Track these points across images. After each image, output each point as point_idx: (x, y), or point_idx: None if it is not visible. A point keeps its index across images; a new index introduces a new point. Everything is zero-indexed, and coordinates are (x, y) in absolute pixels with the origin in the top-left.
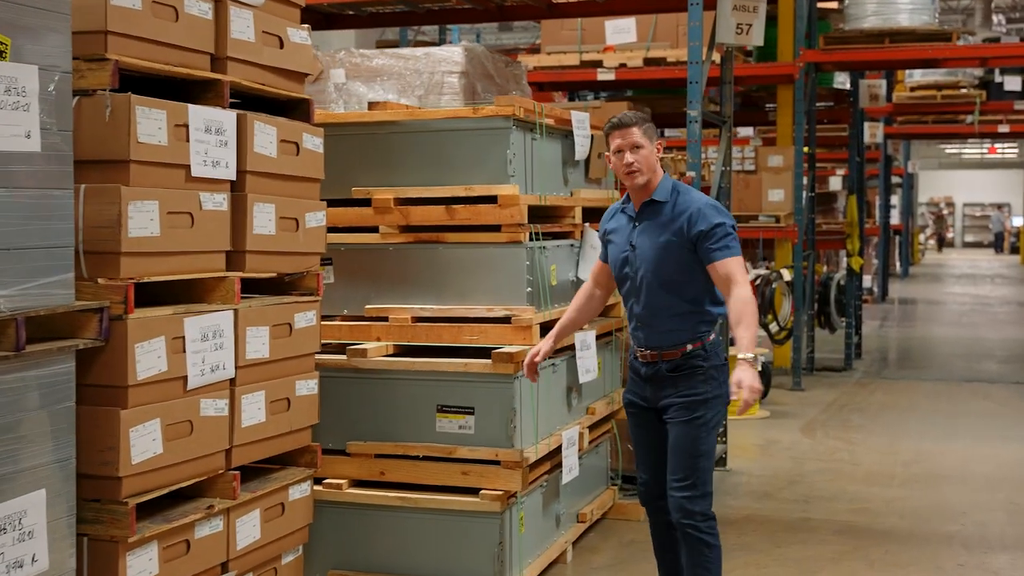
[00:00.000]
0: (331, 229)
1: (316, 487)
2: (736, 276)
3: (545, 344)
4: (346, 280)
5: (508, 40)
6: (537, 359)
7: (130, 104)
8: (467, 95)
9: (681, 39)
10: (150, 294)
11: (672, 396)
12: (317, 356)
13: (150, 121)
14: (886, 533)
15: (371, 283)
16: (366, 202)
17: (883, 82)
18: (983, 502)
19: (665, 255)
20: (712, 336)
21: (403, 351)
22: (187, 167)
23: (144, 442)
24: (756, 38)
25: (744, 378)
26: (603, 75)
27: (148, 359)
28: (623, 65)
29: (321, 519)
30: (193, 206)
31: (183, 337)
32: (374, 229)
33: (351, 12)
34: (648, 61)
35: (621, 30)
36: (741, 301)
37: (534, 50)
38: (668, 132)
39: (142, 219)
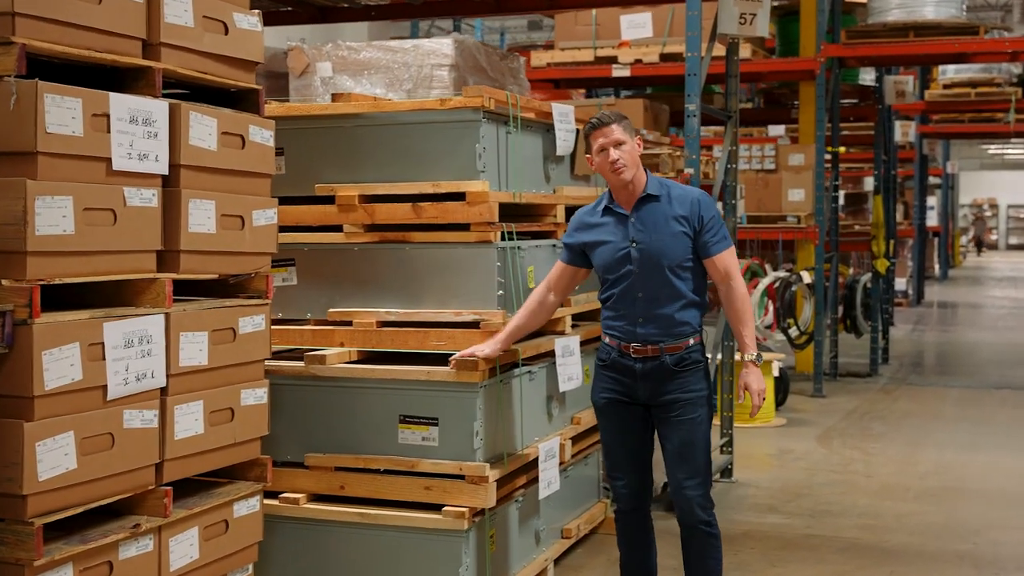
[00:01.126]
0: (294, 228)
1: (271, 502)
2: (733, 270)
3: (487, 347)
4: (309, 282)
5: (538, 37)
6: (476, 356)
7: (37, 91)
8: (457, 89)
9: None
10: (75, 296)
11: (676, 392)
12: (274, 363)
13: (61, 110)
14: (893, 551)
15: (335, 285)
16: (330, 199)
17: (910, 78)
18: (1000, 519)
19: (676, 244)
20: (702, 332)
21: (369, 357)
22: (108, 160)
23: (54, 457)
24: (760, 29)
25: (751, 382)
26: (618, 71)
27: (58, 367)
28: (639, 61)
29: (277, 535)
30: (116, 202)
31: (102, 343)
32: (339, 228)
33: (345, 5)
34: (664, 57)
35: (636, 25)
36: (741, 299)
37: (550, 46)
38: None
39: (52, 216)
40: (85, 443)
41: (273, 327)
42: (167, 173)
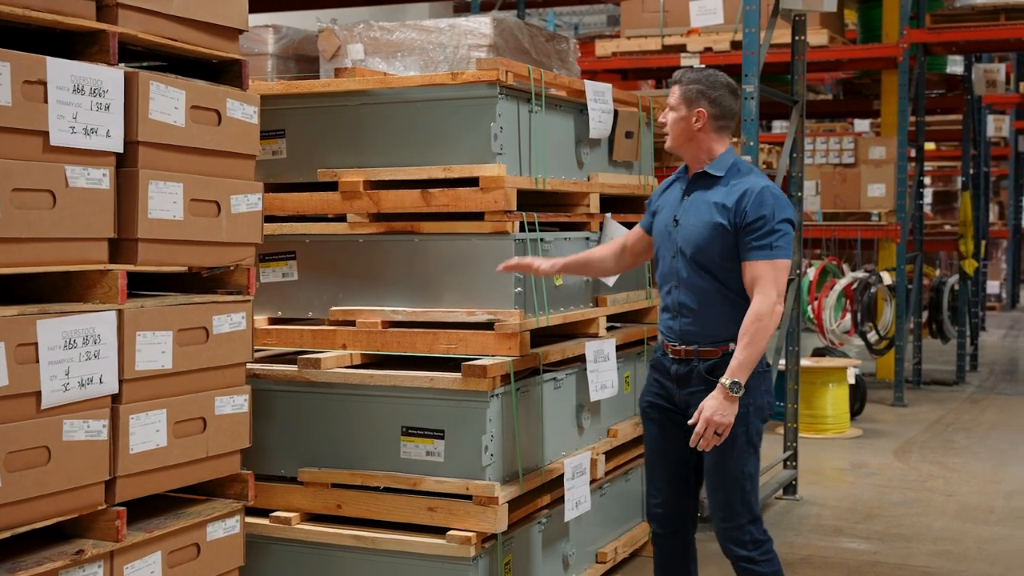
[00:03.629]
0: (295, 218)
1: (262, 520)
2: (762, 282)
3: (545, 263)
4: (311, 277)
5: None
6: (533, 269)
7: None
8: None
9: None
10: (24, 291)
11: None
12: (264, 367)
13: None
14: None
15: (339, 281)
16: (334, 186)
17: (1002, 67)
18: None
19: (711, 236)
20: None
21: (374, 361)
22: (45, 134)
23: None
24: (827, 3)
25: (708, 405)
26: (687, 60)
27: None
28: (708, 49)
29: (268, 558)
30: (55, 182)
31: (35, 344)
32: (343, 218)
33: None
34: (736, 44)
35: (706, 11)
36: (752, 315)
37: (617, 36)
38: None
39: None
40: (12, 458)
41: (272, 327)
42: (122, 151)
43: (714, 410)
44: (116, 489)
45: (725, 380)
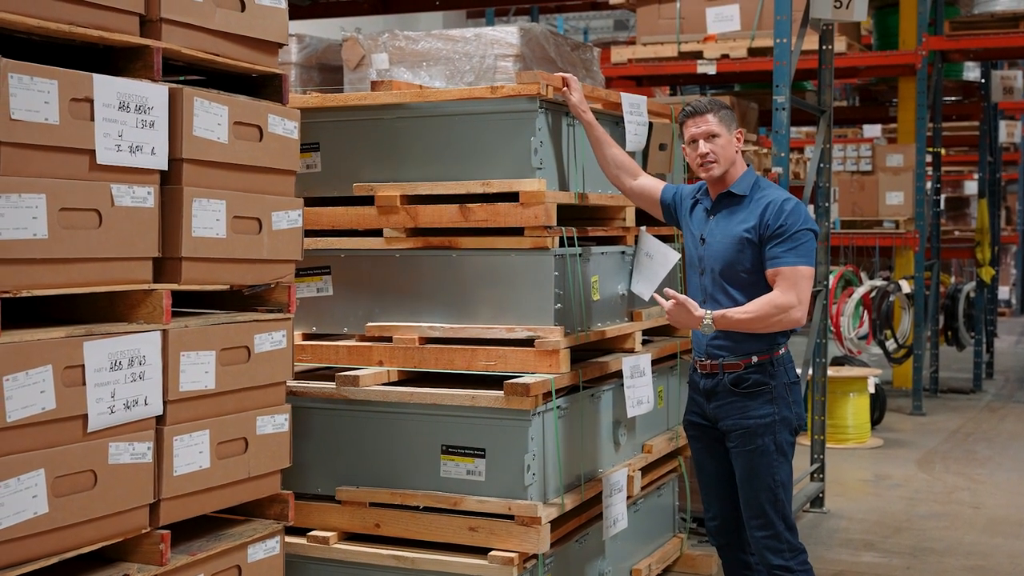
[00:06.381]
0: (329, 232)
1: (299, 540)
2: (783, 283)
3: (580, 101)
4: (347, 292)
5: (624, 37)
6: (570, 90)
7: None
8: None
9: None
10: (63, 311)
11: (735, 417)
12: (302, 384)
13: (31, 93)
14: None
15: (374, 296)
16: (370, 200)
17: (1018, 73)
18: None
19: (738, 251)
20: (782, 350)
21: (411, 378)
22: (92, 152)
23: (18, 500)
24: (857, 13)
25: (685, 312)
26: (703, 67)
27: (25, 394)
28: (725, 56)
29: None
30: (101, 201)
31: (82, 366)
32: (379, 233)
33: None
34: (753, 51)
35: (723, 18)
36: (767, 300)
37: (631, 43)
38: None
39: (20, 217)
40: (59, 483)
41: (307, 342)
42: (166, 168)
43: (688, 303)
44: (160, 512)
45: (709, 315)
